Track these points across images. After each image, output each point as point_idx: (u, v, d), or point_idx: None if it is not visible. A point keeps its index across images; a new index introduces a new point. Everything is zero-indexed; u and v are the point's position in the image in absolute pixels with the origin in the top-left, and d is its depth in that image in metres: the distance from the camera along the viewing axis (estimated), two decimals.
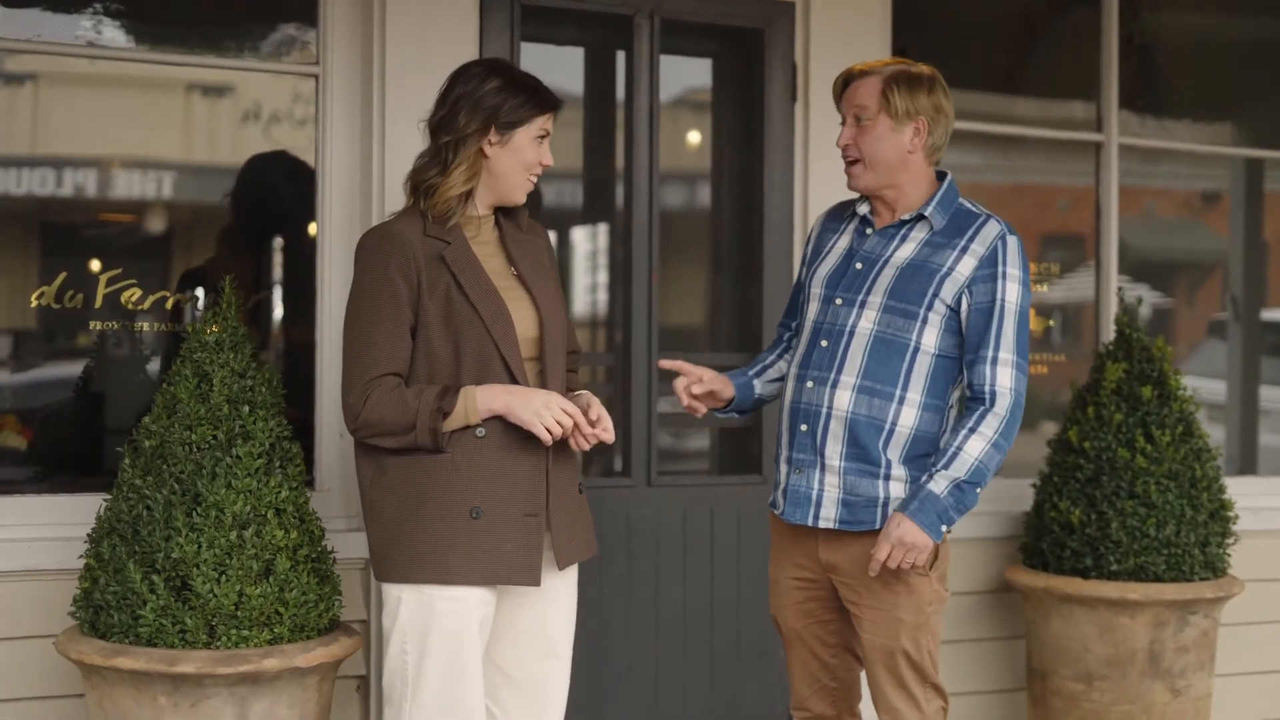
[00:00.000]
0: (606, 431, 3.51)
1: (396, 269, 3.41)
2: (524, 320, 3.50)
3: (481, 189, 3.55)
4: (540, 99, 3.54)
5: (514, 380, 3.44)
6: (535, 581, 3.44)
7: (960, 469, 3.59)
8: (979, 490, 3.63)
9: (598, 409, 3.53)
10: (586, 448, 3.51)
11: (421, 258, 3.42)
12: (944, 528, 3.60)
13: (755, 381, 4.00)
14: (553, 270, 3.68)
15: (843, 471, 3.68)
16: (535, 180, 3.58)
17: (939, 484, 3.59)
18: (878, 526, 3.66)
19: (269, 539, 3.70)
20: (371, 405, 3.38)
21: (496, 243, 3.59)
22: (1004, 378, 3.64)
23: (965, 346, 3.68)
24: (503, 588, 3.48)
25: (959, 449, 3.60)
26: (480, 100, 3.48)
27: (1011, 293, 3.66)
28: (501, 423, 3.42)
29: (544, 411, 3.39)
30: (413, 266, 3.41)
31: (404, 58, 4.49)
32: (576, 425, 3.46)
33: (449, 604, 3.38)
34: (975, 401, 3.66)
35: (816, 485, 3.72)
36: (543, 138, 3.55)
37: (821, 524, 3.71)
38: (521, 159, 3.53)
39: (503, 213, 3.63)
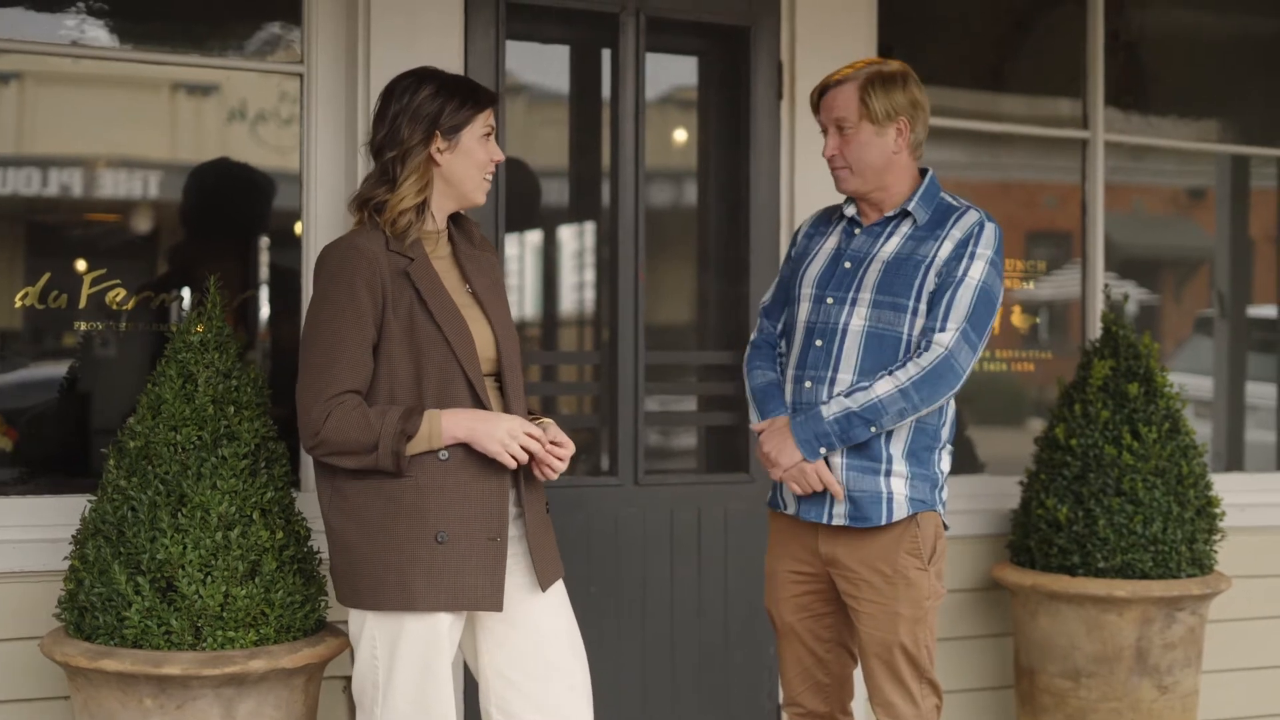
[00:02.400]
0: (561, 458, 3.49)
1: (363, 284, 3.38)
2: (481, 339, 3.48)
3: (439, 198, 3.54)
4: (477, 96, 3.53)
5: (477, 398, 3.42)
6: (498, 607, 3.41)
7: (856, 401, 3.65)
8: (872, 429, 3.66)
9: (555, 431, 3.52)
10: (553, 476, 3.51)
11: (386, 274, 3.39)
12: (821, 449, 3.66)
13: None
14: (504, 287, 3.68)
15: (845, 469, 3.71)
16: (490, 179, 3.58)
17: (831, 408, 3.67)
18: (883, 523, 3.69)
19: (255, 539, 3.69)
20: (333, 424, 3.34)
21: (450, 258, 3.57)
22: (942, 337, 3.67)
23: (925, 315, 3.71)
24: (487, 614, 3.48)
25: (868, 385, 3.66)
26: (418, 110, 3.47)
27: (976, 269, 3.71)
28: (465, 445, 3.39)
29: (509, 441, 3.38)
30: (378, 282, 3.38)
31: (389, 56, 4.47)
32: (540, 452, 3.45)
33: (416, 619, 3.36)
34: (912, 351, 3.70)
35: None
36: (488, 135, 3.54)
37: (834, 520, 3.74)
38: (474, 160, 3.52)
39: (455, 226, 3.62)
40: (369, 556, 3.37)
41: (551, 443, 3.48)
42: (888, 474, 3.70)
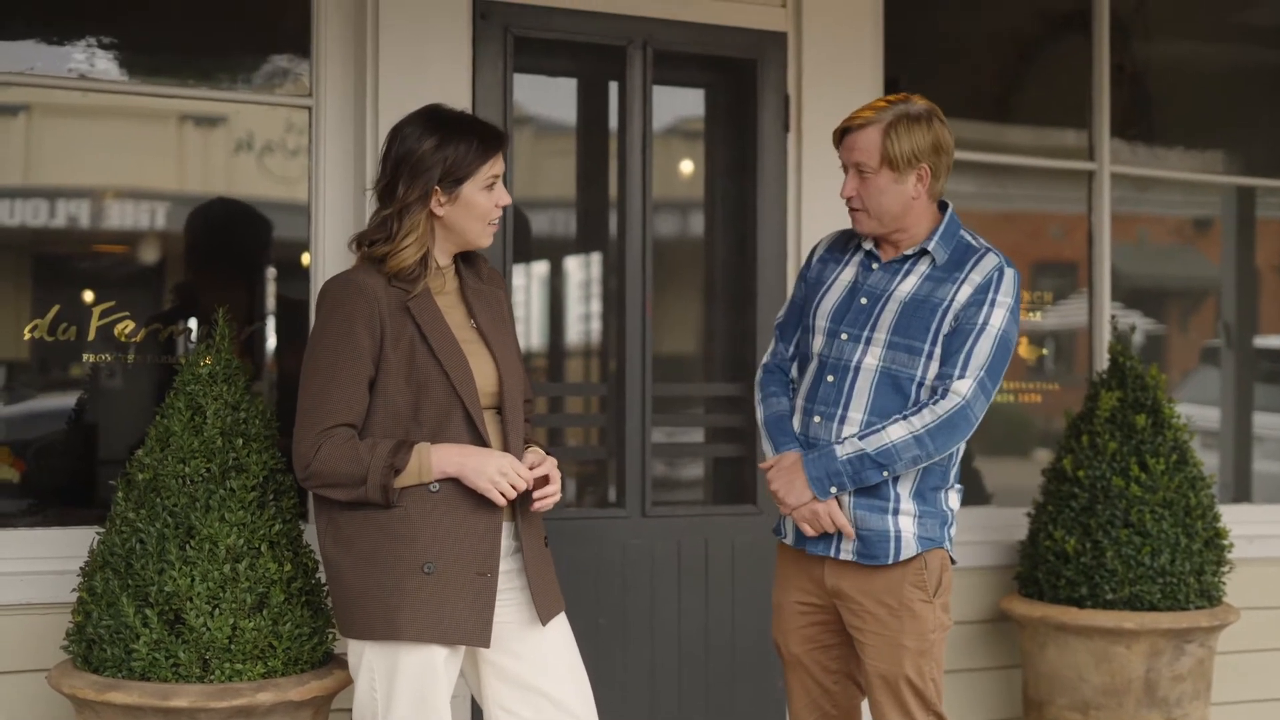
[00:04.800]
0: (547, 493, 3.48)
1: (361, 321, 3.37)
2: (484, 374, 3.47)
3: (441, 243, 3.51)
4: (482, 146, 3.46)
5: (476, 431, 3.41)
6: (485, 643, 3.39)
7: (870, 444, 3.63)
8: (884, 473, 3.64)
9: (535, 457, 3.50)
10: (540, 510, 3.49)
11: (386, 309, 3.39)
12: (832, 489, 3.65)
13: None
14: (511, 321, 3.67)
15: (853, 506, 3.69)
16: (496, 224, 3.54)
17: (845, 448, 3.66)
18: (890, 561, 3.67)
19: (262, 572, 3.68)
20: (323, 456, 3.34)
21: (457, 293, 3.56)
22: (960, 385, 3.64)
23: (940, 359, 3.69)
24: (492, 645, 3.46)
25: (882, 428, 3.64)
26: (418, 165, 3.41)
27: (996, 317, 3.67)
28: (457, 480, 3.39)
29: (499, 478, 3.36)
30: (377, 319, 3.37)
31: (397, 89, 4.48)
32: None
33: (411, 650, 3.35)
34: (929, 397, 3.67)
35: None
36: (491, 185, 3.48)
37: (842, 555, 3.72)
38: (476, 211, 3.48)
39: (463, 260, 3.60)
40: (359, 586, 3.36)
41: (539, 479, 3.48)
42: (895, 512, 3.68)
